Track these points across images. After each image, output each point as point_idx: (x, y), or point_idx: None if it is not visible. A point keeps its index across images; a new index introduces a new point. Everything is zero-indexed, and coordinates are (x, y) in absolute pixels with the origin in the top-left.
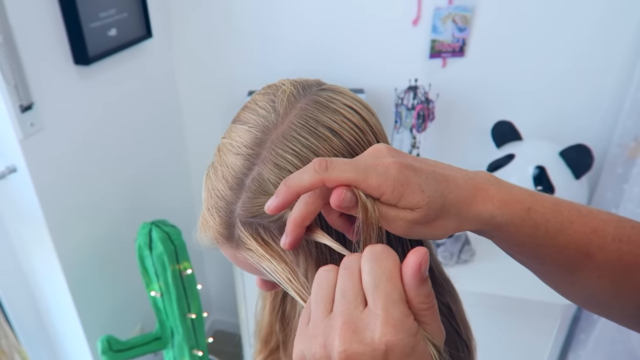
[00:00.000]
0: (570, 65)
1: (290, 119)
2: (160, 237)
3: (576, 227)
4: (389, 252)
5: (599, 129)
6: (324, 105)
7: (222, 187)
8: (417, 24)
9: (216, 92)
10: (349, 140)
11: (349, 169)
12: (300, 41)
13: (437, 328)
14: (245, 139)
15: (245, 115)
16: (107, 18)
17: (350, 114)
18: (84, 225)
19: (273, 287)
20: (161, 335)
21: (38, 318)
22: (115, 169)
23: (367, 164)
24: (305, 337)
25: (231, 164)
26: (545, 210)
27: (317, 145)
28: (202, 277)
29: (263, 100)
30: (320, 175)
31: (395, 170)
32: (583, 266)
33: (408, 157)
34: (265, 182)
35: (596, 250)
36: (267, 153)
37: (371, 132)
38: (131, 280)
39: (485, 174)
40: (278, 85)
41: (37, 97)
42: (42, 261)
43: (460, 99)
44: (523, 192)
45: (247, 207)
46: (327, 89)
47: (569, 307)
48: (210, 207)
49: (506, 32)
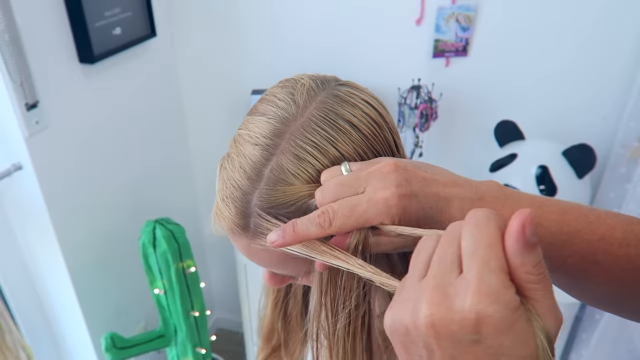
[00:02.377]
0: (573, 65)
1: (310, 111)
2: (164, 235)
3: (583, 235)
4: (492, 216)
5: (602, 129)
6: (343, 100)
7: (239, 177)
8: (420, 24)
9: (219, 91)
10: (367, 134)
11: (350, 222)
12: (304, 40)
13: (548, 308)
14: (264, 130)
15: (264, 107)
16: (112, 17)
17: (368, 109)
18: (88, 223)
19: (281, 282)
20: (164, 332)
21: (42, 315)
22: (119, 167)
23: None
24: (396, 303)
25: (249, 154)
26: (550, 223)
27: (336, 138)
28: (205, 275)
29: (282, 93)
30: (325, 230)
31: (395, 207)
32: (590, 273)
33: (413, 179)
34: (285, 172)
35: (603, 257)
36: (287, 144)
37: (387, 128)
38: (134, 278)
39: (494, 187)
40: (296, 79)
41: (42, 96)
42: (47, 258)
43: (463, 98)
44: (529, 204)
45: (264, 198)
46: (345, 84)
47: (570, 306)
48: (226, 198)
49: (509, 32)
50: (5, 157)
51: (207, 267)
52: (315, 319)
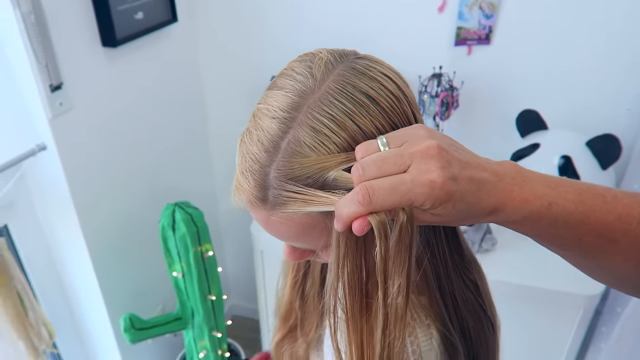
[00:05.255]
0: (598, 56)
1: (327, 84)
2: (183, 219)
3: (599, 215)
4: None
5: (627, 120)
6: (361, 72)
7: (257, 150)
8: (442, 11)
9: (239, 76)
10: (385, 107)
11: (391, 201)
12: (325, 26)
13: None
14: (282, 103)
15: (282, 81)
16: (134, 1)
17: (387, 82)
18: (109, 204)
19: (300, 257)
20: (182, 315)
21: (62, 294)
22: (140, 150)
23: (414, 184)
24: None
25: (267, 127)
26: (567, 202)
27: (353, 111)
28: (221, 261)
29: (300, 67)
30: (365, 208)
31: (439, 190)
32: (607, 251)
33: (454, 162)
34: (301, 144)
35: (620, 236)
36: (304, 116)
37: (406, 102)
38: (153, 261)
39: (511, 169)
40: (315, 53)
41: (66, 77)
42: (68, 238)
43: (485, 87)
44: (546, 184)
45: (281, 170)
46: (364, 57)
47: (592, 298)
48: (245, 171)
49: (533, 20)
50: (30, 137)
51: (223, 253)
52: (332, 292)
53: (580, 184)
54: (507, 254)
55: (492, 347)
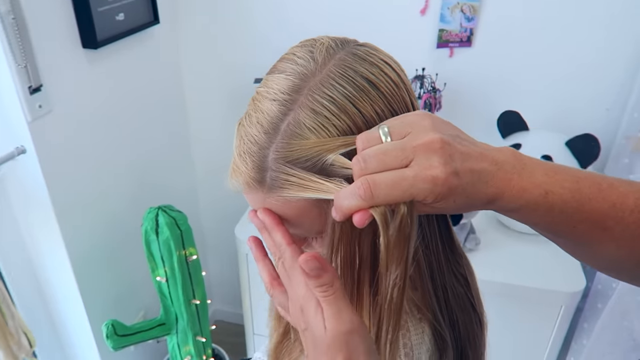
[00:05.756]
0: (578, 56)
1: (329, 67)
2: (167, 222)
3: (594, 203)
4: None
5: (605, 121)
6: (362, 58)
7: (255, 132)
8: (424, 13)
9: (221, 78)
10: (385, 93)
11: (392, 196)
12: (308, 27)
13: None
14: (283, 86)
15: (283, 65)
16: (115, 3)
17: (387, 69)
18: (90, 208)
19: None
20: (165, 321)
21: (42, 301)
22: (121, 153)
23: (416, 179)
24: None
25: (267, 109)
26: (564, 191)
27: (354, 95)
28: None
29: (301, 51)
30: (367, 202)
31: (441, 186)
32: (600, 239)
33: (456, 155)
34: (301, 126)
35: (613, 224)
36: (304, 99)
37: (405, 89)
38: (135, 266)
39: (511, 157)
40: (316, 39)
41: (46, 79)
42: (48, 244)
43: (467, 88)
44: (544, 172)
45: (280, 152)
46: (364, 44)
47: (573, 295)
48: (243, 153)
49: (513, 22)
50: (9, 140)
51: (206, 257)
52: None
53: (579, 172)
54: (491, 254)
55: (480, 344)
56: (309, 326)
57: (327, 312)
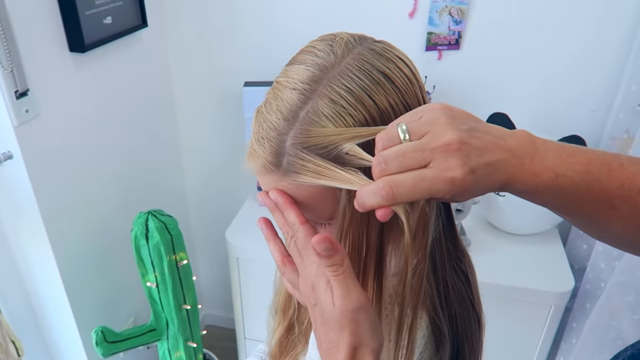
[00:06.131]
0: (564, 58)
1: (347, 60)
2: (157, 227)
3: (603, 184)
4: None
5: (591, 122)
6: (378, 53)
7: (275, 118)
8: (413, 16)
9: (211, 82)
10: (400, 87)
11: (412, 197)
12: (297, 31)
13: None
14: (303, 76)
15: (303, 57)
16: (103, 6)
17: (402, 65)
18: (78, 214)
19: None
20: (156, 326)
21: (29, 308)
22: (109, 158)
23: (435, 180)
24: None
25: (287, 98)
26: (574, 174)
27: (370, 87)
28: (194, 269)
29: (321, 45)
30: (388, 202)
31: (458, 186)
32: (607, 217)
33: (472, 153)
34: (319, 114)
35: (621, 203)
36: (323, 89)
37: (418, 85)
38: (125, 272)
39: (525, 141)
40: (335, 34)
41: (32, 84)
42: (35, 250)
43: (456, 91)
44: (556, 155)
45: (298, 137)
46: (380, 41)
47: (562, 295)
48: (261, 138)
49: (501, 25)
50: None
51: (196, 262)
52: None
53: (591, 152)
54: (481, 255)
55: (477, 342)
56: (319, 302)
57: (336, 290)
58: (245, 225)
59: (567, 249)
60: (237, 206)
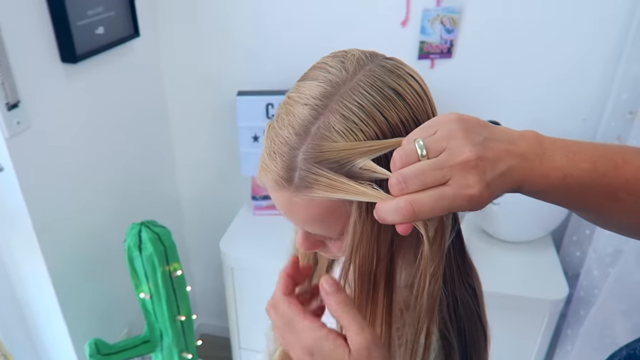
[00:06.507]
0: (556, 67)
1: (359, 77)
2: (150, 238)
3: (609, 179)
4: None
5: (582, 130)
6: (390, 70)
7: (287, 133)
8: (405, 25)
9: (204, 92)
10: (411, 104)
11: (432, 214)
12: (290, 41)
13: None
14: (315, 92)
15: (315, 73)
16: (95, 16)
17: (413, 82)
18: (71, 226)
19: (312, 246)
20: (150, 338)
21: (22, 321)
22: (103, 169)
23: (454, 198)
24: None
25: (299, 113)
26: (581, 172)
27: (382, 104)
28: (189, 279)
29: (333, 61)
30: (410, 220)
31: (476, 202)
32: (612, 209)
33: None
34: (331, 130)
35: (625, 196)
36: (335, 104)
37: (428, 103)
38: (118, 282)
39: (534, 143)
40: (347, 50)
41: (23, 95)
42: (28, 262)
43: (448, 99)
44: (564, 154)
45: (310, 152)
46: (392, 59)
47: (556, 303)
48: (273, 153)
49: (493, 34)
50: None
51: (191, 271)
52: (344, 275)
53: (597, 149)
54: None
55: (484, 355)
56: None
57: (352, 327)
58: (239, 235)
59: (560, 255)
60: (231, 216)
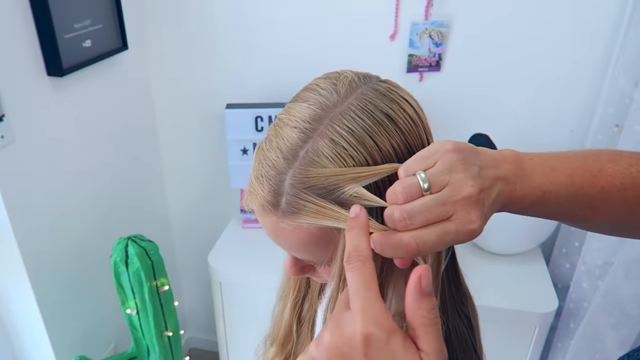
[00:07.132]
0: (543, 80)
1: (350, 100)
2: (137, 253)
3: (585, 190)
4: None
5: (570, 142)
6: (382, 94)
7: (274, 157)
8: (394, 39)
9: (192, 105)
10: (403, 129)
11: (435, 249)
12: (278, 54)
13: (436, 349)
14: (304, 115)
15: (306, 94)
16: (82, 29)
17: (406, 106)
18: (56, 241)
19: (301, 271)
20: (137, 354)
21: (5, 339)
22: (89, 183)
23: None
24: None
25: (287, 136)
26: (559, 187)
27: (372, 128)
28: (177, 294)
29: (325, 83)
30: (413, 256)
31: (477, 234)
32: (590, 217)
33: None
34: (319, 154)
35: (600, 204)
36: (324, 128)
37: (422, 127)
38: (104, 298)
39: (513, 165)
40: (340, 72)
41: (8, 109)
42: (11, 278)
43: (437, 112)
44: (542, 173)
45: (297, 178)
46: (385, 81)
47: (546, 315)
48: (260, 176)
49: (481, 48)
50: None
51: (179, 286)
52: (332, 303)
53: (576, 160)
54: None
55: None
56: None
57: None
58: (227, 248)
59: (550, 267)
60: (219, 229)
